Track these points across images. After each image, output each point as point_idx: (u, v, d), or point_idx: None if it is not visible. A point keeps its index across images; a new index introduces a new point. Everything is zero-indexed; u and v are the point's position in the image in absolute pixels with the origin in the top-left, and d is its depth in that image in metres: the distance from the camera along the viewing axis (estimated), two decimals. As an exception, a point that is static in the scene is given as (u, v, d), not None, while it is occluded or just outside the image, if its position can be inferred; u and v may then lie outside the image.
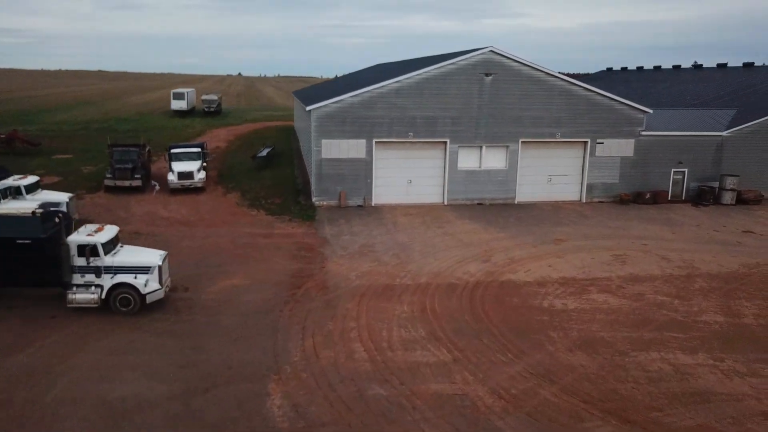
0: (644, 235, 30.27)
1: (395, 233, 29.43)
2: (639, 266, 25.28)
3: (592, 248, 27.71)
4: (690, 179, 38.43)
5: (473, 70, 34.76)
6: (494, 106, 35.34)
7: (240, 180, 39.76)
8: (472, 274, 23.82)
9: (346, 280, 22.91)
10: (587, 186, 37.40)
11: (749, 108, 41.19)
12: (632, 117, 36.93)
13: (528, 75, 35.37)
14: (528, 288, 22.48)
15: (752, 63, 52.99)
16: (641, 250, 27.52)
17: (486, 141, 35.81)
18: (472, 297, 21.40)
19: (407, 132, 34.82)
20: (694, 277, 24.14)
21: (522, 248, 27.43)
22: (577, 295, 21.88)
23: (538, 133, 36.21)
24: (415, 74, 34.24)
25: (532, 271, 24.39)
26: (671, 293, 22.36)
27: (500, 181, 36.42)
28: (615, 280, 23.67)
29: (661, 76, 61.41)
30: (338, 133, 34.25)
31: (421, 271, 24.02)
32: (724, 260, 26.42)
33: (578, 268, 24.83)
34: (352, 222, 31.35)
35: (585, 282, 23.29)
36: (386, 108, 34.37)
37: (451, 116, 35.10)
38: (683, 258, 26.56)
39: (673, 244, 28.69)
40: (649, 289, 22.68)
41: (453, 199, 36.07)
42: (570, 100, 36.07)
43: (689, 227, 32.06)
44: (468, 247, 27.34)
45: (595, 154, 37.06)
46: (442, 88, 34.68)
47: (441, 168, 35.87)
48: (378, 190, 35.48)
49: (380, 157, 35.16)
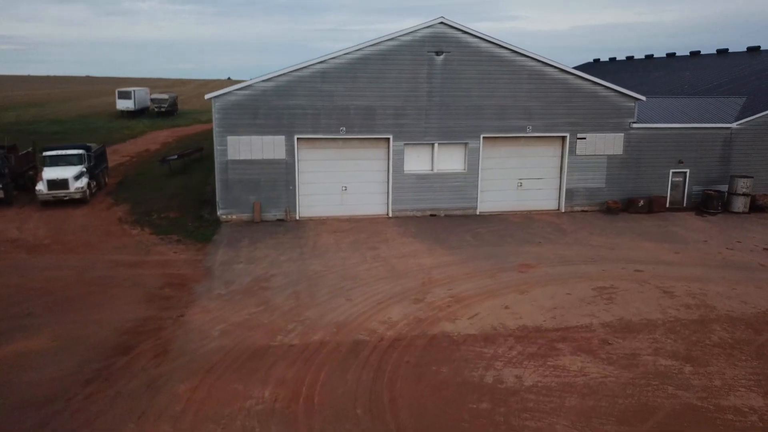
0: (638, 256, 23.16)
1: (310, 259, 22.20)
2: (632, 306, 18.15)
3: (569, 277, 20.57)
4: (692, 182, 31.39)
5: (420, 48, 27.58)
6: (448, 93, 28.17)
7: (142, 189, 32.43)
8: (392, 324, 16.60)
9: (204, 338, 15.63)
10: (566, 192, 30.25)
11: (761, 95, 34.23)
12: (620, 106, 29.85)
13: (489, 53, 28.22)
14: (468, 347, 15.29)
15: (758, 47, 46.14)
16: (634, 280, 20.41)
17: (439, 137, 28.61)
18: (380, 368, 14.17)
19: (338, 126, 27.59)
20: (709, 323, 17.03)
21: (473, 279, 20.25)
22: (541, 360, 14.71)
23: (504, 127, 29.05)
24: (344, 52, 27.04)
25: (480, 316, 17.21)
26: (679, 353, 15.22)
27: (458, 188, 29.22)
28: (597, 329, 16.52)
29: (653, 65, 54.51)
30: (249, 128, 26.98)
31: (321, 320, 16.78)
32: (748, 293, 19.35)
33: (546, 311, 17.67)
34: (258, 243, 24.10)
35: (554, 334, 16.12)
36: (310, 96, 27.13)
37: (393, 106, 27.88)
38: (692, 291, 19.46)
39: (677, 270, 21.60)
40: (646, 346, 15.54)
41: (399, 210, 28.86)
42: (543, 86, 28.94)
43: (695, 244, 24.97)
44: (400, 279, 20.14)
45: (576, 153, 29.92)
46: (381, 71, 27.47)
47: (383, 171, 28.63)
48: (304, 200, 28.22)
49: (305, 158, 27.91)
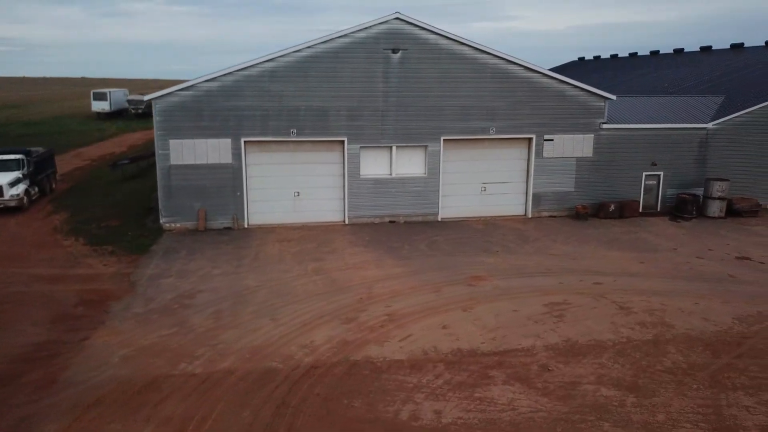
0: (600, 267, 21.66)
1: (246, 272, 20.67)
2: (582, 325, 16.64)
3: (521, 292, 19.05)
4: (667, 185, 29.88)
5: (375, 45, 26.04)
6: (406, 93, 26.64)
7: (89, 195, 30.91)
8: (313, 348, 15.07)
9: (101, 366, 14.09)
10: (533, 196, 28.73)
11: (740, 94, 32.76)
12: (590, 106, 28.34)
13: (449, 51, 26.68)
14: (391, 375, 13.77)
15: (741, 44, 44.67)
16: (591, 294, 18.89)
17: (397, 140, 27.09)
18: (285, 403, 12.64)
19: (289, 128, 26.05)
20: (664, 344, 15.52)
21: (416, 294, 18.74)
22: (468, 390, 13.19)
23: (467, 129, 27.53)
24: (294, 50, 25.51)
25: (413, 337, 15.69)
26: (625, 380, 13.71)
27: (418, 193, 27.70)
28: (539, 353, 15.01)
29: (637, 63, 52.99)
30: (193, 130, 25.42)
31: (236, 344, 15.24)
32: (712, 309, 17.84)
33: (488, 331, 16.16)
34: (196, 254, 22.57)
35: (490, 359, 14.60)
36: (258, 96, 25.58)
37: (348, 107, 26.35)
38: (651, 307, 17.95)
39: (640, 282, 20.09)
40: (590, 372, 14.03)
41: (356, 217, 27.33)
42: (508, 85, 27.42)
43: (664, 253, 23.47)
44: (337, 295, 18.62)
45: (543, 155, 28.40)
46: (334, 70, 25.94)
47: (339, 176, 27.10)
48: (254, 207, 26.68)
49: (254, 162, 26.37)
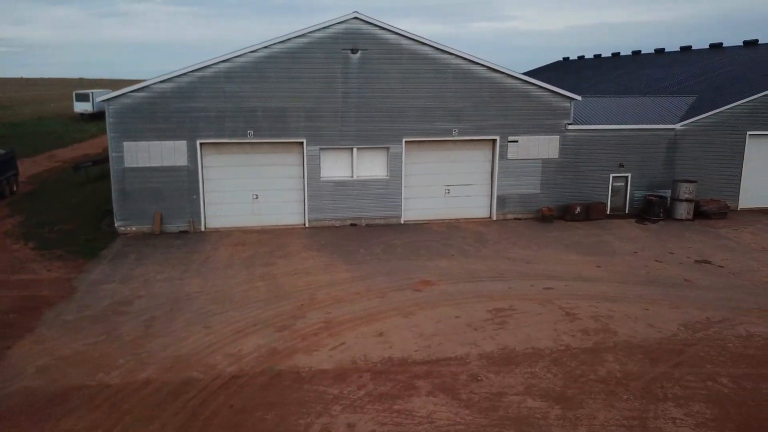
0: (555, 271, 21.23)
1: (190, 278, 20.21)
2: (523, 332, 16.20)
3: (468, 297, 18.62)
4: (635, 187, 29.47)
5: (334, 45, 25.61)
6: (366, 93, 26.21)
7: (49, 198, 30.49)
8: (239, 357, 14.62)
9: (15, 376, 13.57)
10: (498, 199, 28.29)
11: (712, 94, 32.37)
12: (555, 106, 27.91)
13: (411, 51, 26.25)
14: (313, 386, 13.33)
15: (720, 44, 44.25)
16: (539, 299, 18.46)
17: (358, 141, 26.66)
18: (196, 415, 12.17)
19: (246, 130, 25.60)
20: (602, 352, 15.09)
21: (360, 300, 18.30)
22: (388, 402, 12.76)
23: (429, 130, 27.10)
24: (250, 50, 25.07)
25: (345, 346, 15.25)
26: (554, 391, 13.28)
27: (380, 195, 27.26)
28: (473, 362, 14.57)
29: (618, 63, 52.57)
30: (147, 132, 24.96)
31: (161, 353, 14.79)
32: (660, 315, 17.41)
33: (424, 338, 15.72)
34: (146, 259, 22.12)
35: (420, 368, 14.17)
36: (214, 97, 25.13)
37: (306, 108, 25.90)
38: (598, 313, 17.52)
39: (592, 287, 19.66)
40: (519, 382, 13.60)
41: (317, 220, 26.90)
42: (471, 85, 26.99)
43: (623, 256, 23.04)
44: (278, 301, 18.18)
45: (507, 157, 27.99)
46: (291, 70, 25.49)
47: (298, 178, 26.66)
48: (211, 210, 26.24)
49: (211, 164, 25.93)
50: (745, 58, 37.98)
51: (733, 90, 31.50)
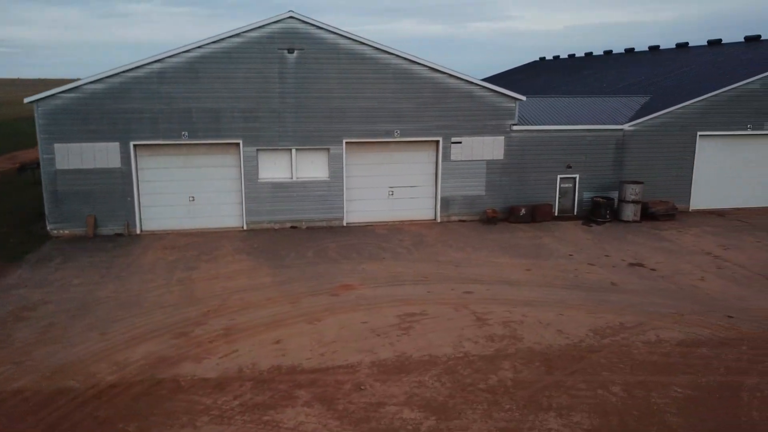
0: (482, 274, 20.85)
1: (108, 282, 19.81)
2: (425, 338, 15.81)
3: (383, 302, 18.23)
4: (584, 188, 29.10)
5: (270, 45, 25.23)
6: (305, 94, 25.84)
7: (-9, 199, 30.10)
8: (125, 364, 14.22)
9: None
10: (442, 200, 27.91)
11: (666, 95, 32.01)
12: (499, 107, 27.54)
13: (349, 51, 25.87)
14: (189, 395, 12.92)
15: (686, 43, 43.90)
16: (455, 304, 18.09)
17: (297, 142, 26.28)
18: (55, 426, 11.70)
19: (180, 131, 25.22)
20: (501, 360, 14.71)
21: (271, 305, 17.91)
22: (259, 413, 12.36)
23: (370, 131, 26.73)
24: (183, 50, 24.67)
25: (237, 353, 14.86)
26: (435, 401, 12.89)
27: (321, 197, 26.88)
28: (363, 370, 14.18)
29: (590, 63, 52.23)
30: (79, 134, 24.56)
31: (47, 360, 14.38)
32: (573, 320, 17.04)
33: (322, 345, 15.33)
34: (70, 263, 21.71)
35: (305, 377, 13.77)
36: (147, 98, 24.74)
37: (243, 109, 25.52)
38: (510, 318, 17.14)
39: (515, 291, 19.29)
40: (403, 392, 13.21)
41: (255, 222, 26.51)
42: (412, 86, 26.62)
43: (557, 260, 22.67)
44: (187, 307, 17.78)
45: (451, 158, 27.62)
46: (226, 70, 25.10)
47: (236, 180, 26.29)
48: (147, 213, 25.85)
49: (146, 166, 25.55)
50: (705, 59, 37.62)
51: (686, 90, 31.15)
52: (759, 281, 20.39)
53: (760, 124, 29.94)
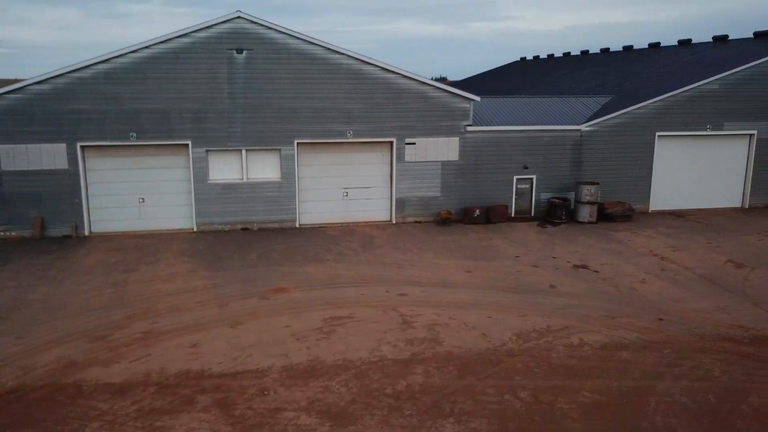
0: (422, 276, 20.67)
1: (42, 284, 19.57)
2: (345, 342, 15.63)
3: (312, 305, 18.05)
4: (541, 189, 28.93)
5: (218, 45, 25.04)
6: (255, 94, 25.66)
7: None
8: (31, 369, 13.98)
9: None
10: (397, 201, 27.73)
11: (628, 95, 31.84)
12: (454, 108, 27.36)
13: (299, 51, 25.69)
14: (87, 401, 12.70)
15: (658, 43, 43.71)
16: (385, 307, 17.90)
17: (247, 143, 26.10)
18: (-64, 433, 11.69)
19: (128, 132, 25.03)
20: (415, 364, 14.52)
21: (198, 309, 17.72)
22: (153, 418, 12.15)
23: (322, 132, 26.54)
24: (130, 50, 24.49)
25: (149, 357, 14.66)
26: (337, 406, 12.70)
27: (273, 198, 26.69)
28: (273, 374, 13.98)
29: (566, 63, 52.07)
30: (25, 135, 24.36)
31: (-48, 364, 14.25)
32: (500, 324, 16.85)
33: (237, 350, 15.15)
34: (9, 265, 21.46)
35: (212, 381, 13.57)
36: (94, 99, 24.55)
37: (192, 109, 25.34)
38: (437, 321, 16.96)
39: (450, 293, 19.12)
40: (306, 398, 13.02)
41: (206, 224, 26.32)
42: (364, 86, 26.44)
43: (502, 261, 22.50)
44: (113, 310, 17.58)
45: (405, 159, 27.44)
46: (175, 71, 24.92)
47: (186, 181, 26.10)
48: (96, 214, 25.66)
49: (94, 167, 25.36)
50: (673, 59, 37.44)
51: (648, 90, 30.97)
52: (700, 283, 20.22)
53: (720, 124, 29.79)
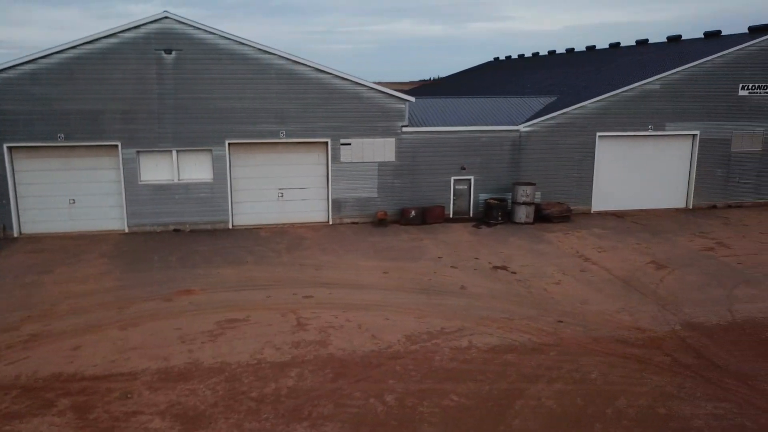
0: (336, 278, 20.55)
1: (-51, 285, 19.57)
2: (230, 344, 15.52)
3: (213, 307, 17.93)
4: (480, 190, 28.82)
5: (146, 46, 24.94)
6: (185, 95, 25.55)
7: None
8: None
9: None
10: (333, 202, 27.63)
11: (571, 95, 31.75)
12: (389, 108, 27.25)
13: (229, 51, 25.59)
14: (-54, 405, 12.68)
15: (618, 43, 43.65)
16: (286, 309, 17.79)
17: (178, 144, 25.99)
18: None
19: (56, 133, 24.93)
20: (292, 367, 14.41)
21: (98, 311, 17.59)
22: (2, 424, 12.10)
23: (254, 132, 26.44)
24: (57, 50, 24.37)
25: (28, 360, 14.43)
26: (195, 409, 12.53)
27: (206, 199, 26.59)
28: (144, 377, 13.80)
29: (532, 63, 52.00)
30: (-50, 136, 24.36)
31: None
32: (395, 326, 16.71)
33: (119, 352, 15.03)
34: (-77, 266, 21.50)
35: (80, 384, 13.39)
36: (20, 100, 24.42)
37: (121, 110, 25.23)
38: (333, 323, 16.85)
39: (359, 295, 19.00)
40: (168, 401, 12.84)
41: (138, 225, 26.21)
42: (296, 86, 26.34)
43: (423, 262, 22.39)
44: (14, 311, 17.41)
45: (341, 160, 27.34)
46: (103, 71, 24.81)
47: (117, 182, 25.99)
48: (27, 215, 25.55)
49: (24, 168, 25.24)
50: (627, 59, 37.37)
51: (593, 90, 30.86)
52: (614, 285, 20.11)
53: (662, 125, 29.70)
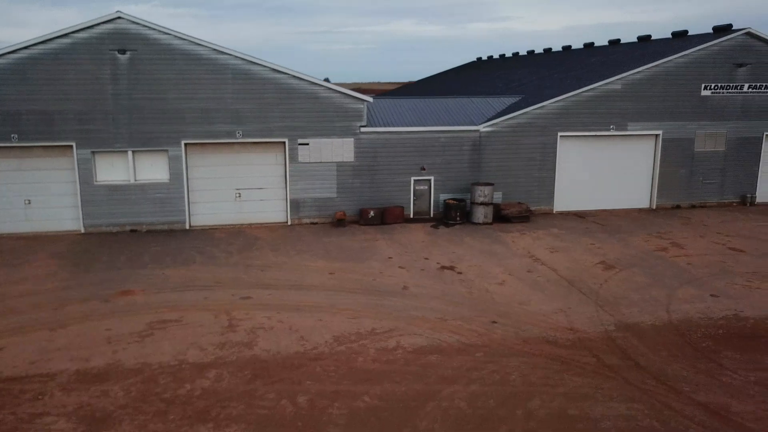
0: (281, 279, 20.49)
1: None
2: (156, 345, 15.44)
3: (150, 308, 17.83)
4: (440, 190, 28.76)
5: (100, 46, 24.87)
6: (139, 95, 25.49)
7: None
8: None
9: None
10: (292, 203, 27.57)
11: (535, 95, 31.68)
12: (347, 109, 27.19)
13: (184, 51, 25.53)
14: None
15: (592, 43, 43.59)
16: (220, 310, 17.71)
17: (133, 144, 25.93)
18: None
19: (9, 134, 24.87)
20: (211, 369, 14.28)
21: (33, 311, 17.44)
22: None
23: (210, 132, 26.38)
24: (9, 50, 24.30)
25: (-54, 362, 14.56)
26: (103, 411, 12.42)
27: (162, 200, 26.53)
28: (61, 378, 13.71)
29: (509, 64, 51.93)
30: None
31: None
32: (325, 327, 16.63)
33: (42, 353, 14.89)
34: None
35: (-6, 387, 13.48)
36: (-28, 100, 24.48)
37: (75, 110, 25.17)
38: (264, 325, 16.78)
39: (297, 296, 18.93)
40: (78, 402, 12.70)
41: (94, 225, 26.15)
42: (253, 86, 26.28)
43: (372, 263, 22.32)
44: (-55, 312, 17.52)
45: (299, 160, 27.29)
46: (56, 72, 24.75)
47: (72, 183, 25.93)
48: (-19, 216, 25.56)
49: (-23, 169, 25.25)
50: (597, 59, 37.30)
51: (556, 90, 30.81)
52: (557, 285, 20.06)
53: (624, 125, 29.65)
